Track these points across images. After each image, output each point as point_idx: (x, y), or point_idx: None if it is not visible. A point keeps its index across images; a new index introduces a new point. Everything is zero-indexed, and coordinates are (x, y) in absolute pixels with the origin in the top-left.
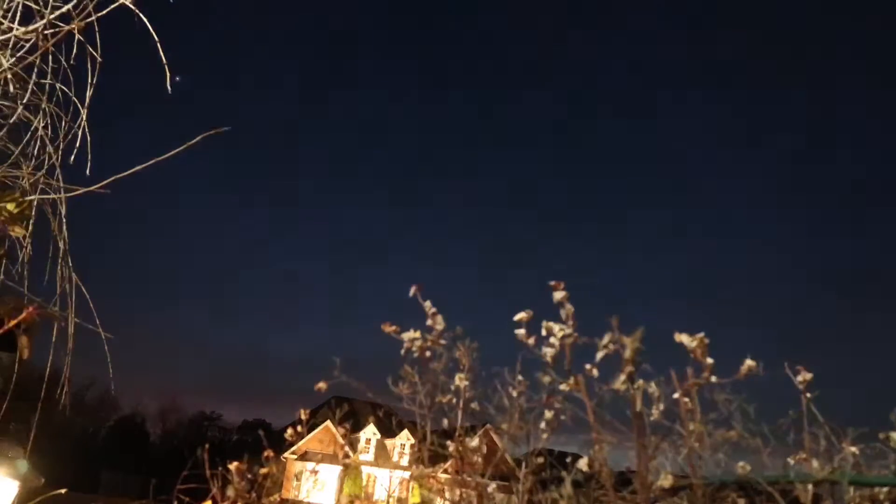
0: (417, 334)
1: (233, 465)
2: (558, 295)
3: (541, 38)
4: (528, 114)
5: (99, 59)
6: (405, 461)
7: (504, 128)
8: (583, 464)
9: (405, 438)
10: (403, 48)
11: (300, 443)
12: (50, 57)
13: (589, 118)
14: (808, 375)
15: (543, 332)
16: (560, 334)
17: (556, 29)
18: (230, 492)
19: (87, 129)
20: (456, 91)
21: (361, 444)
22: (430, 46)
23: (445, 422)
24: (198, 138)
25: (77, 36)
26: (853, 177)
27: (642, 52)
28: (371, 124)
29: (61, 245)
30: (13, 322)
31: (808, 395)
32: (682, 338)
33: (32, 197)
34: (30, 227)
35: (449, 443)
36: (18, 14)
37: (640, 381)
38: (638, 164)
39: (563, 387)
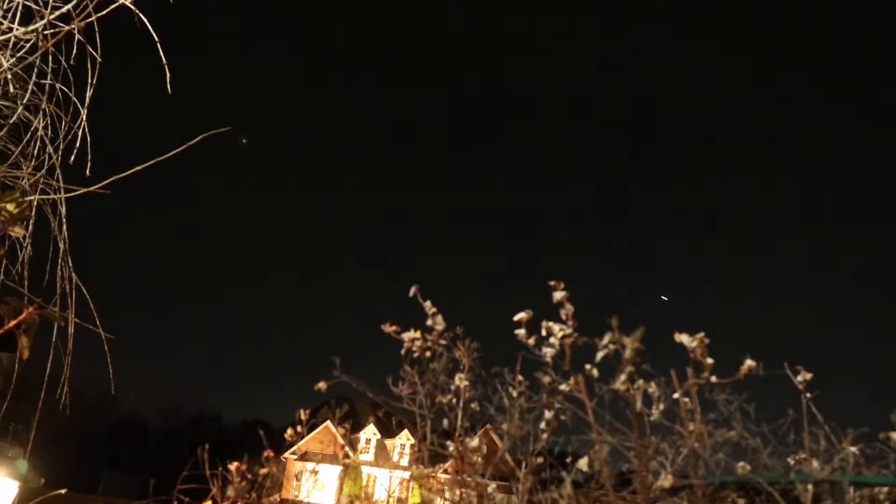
0: (417, 334)
1: (233, 465)
2: (558, 295)
3: None
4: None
5: (99, 59)
6: (405, 461)
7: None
8: (583, 464)
9: (405, 438)
10: None
11: (300, 443)
12: (50, 57)
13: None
14: (808, 375)
15: (543, 333)
16: (560, 334)
17: None
18: (230, 492)
19: (86, 129)
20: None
21: (361, 445)
22: None
23: (445, 422)
24: (198, 138)
25: (77, 36)
26: None
27: None
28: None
29: (61, 245)
30: (13, 322)
31: (808, 394)
32: (682, 338)
33: (32, 197)
34: (30, 227)
35: (449, 443)
36: (18, 14)
37: (640, 381)
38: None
39: (563, 387)
